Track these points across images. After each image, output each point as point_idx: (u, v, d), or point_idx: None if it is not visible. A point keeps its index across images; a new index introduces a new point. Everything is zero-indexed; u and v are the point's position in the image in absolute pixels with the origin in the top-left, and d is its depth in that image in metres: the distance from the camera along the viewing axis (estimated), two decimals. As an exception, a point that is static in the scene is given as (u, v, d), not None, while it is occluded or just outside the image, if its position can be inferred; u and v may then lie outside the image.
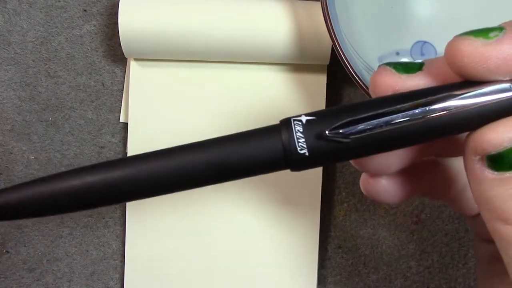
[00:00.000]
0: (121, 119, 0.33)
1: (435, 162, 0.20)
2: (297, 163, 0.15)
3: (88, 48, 0.33)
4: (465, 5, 0.31)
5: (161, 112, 0.32)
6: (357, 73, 0.26)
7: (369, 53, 0.30)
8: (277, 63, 0.32)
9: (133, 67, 0.32)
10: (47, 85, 0.33)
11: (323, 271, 0.33)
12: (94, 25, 0.33)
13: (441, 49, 0.31)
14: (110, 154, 0.33)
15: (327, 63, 0.31)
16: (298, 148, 0.14)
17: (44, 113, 0.33)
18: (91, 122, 0.33)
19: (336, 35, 0.26)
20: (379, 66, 0.17)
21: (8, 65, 0.33)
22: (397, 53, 0.31)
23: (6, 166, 0.33)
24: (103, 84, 0.33)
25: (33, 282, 0.33)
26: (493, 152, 0.14)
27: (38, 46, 0.33)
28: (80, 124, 0.33)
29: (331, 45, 0.30)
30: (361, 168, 0.18)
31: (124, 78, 0.33)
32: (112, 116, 0.33)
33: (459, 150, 0.16)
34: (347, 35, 0.28)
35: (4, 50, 0.33)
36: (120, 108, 0.33)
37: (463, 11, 0.31)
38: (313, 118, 0.15)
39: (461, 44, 0.14)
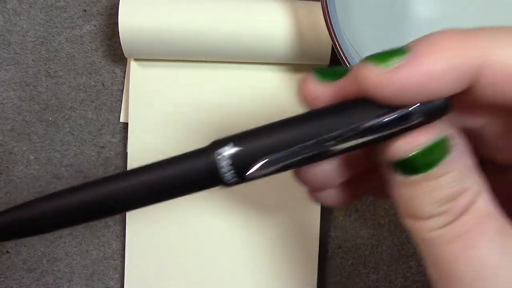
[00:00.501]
0: (121, 119, 0.33)
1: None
2: (228, 186, 0.17)
3: (88, 48, 0.33)
4: (465, 4, 0.31)
5: (161, 112, 0.32)
6: (357, 73, 0.26)
7: (369, 53, 0.30)
8: (277, 63, 0.32)
9: (133, 67, 0.32)
10: (47, 85, 0.33)
11: (323, 271, 0.33)
12: (94, 25, 0.33)
13: (441, 49, 0.31)
14: (110, 154, 0.33)
15: (327, 63, 0.31)
16: (226, 179, 0.16)
17: (44, 113, 0.33)
18: (91, 122, 0.33)
19: (336, 35, 0.26)
20: (310, 72, 0.18)
21: (8, 65, 0.33)
22: (397, 53, 0.31)
23: (6, 166, 0.33)
24: (103, 84, 0.33)
25: (33, 282, 0.33)
26: (397, 160, 0.15)
27: (38, 46, 0.33)
28: (80, 124, 0.33)
29: (331, 45, 0.30)
30: (303, 186, 0.19)
31: (124, 78, 0.33)
32: (112, 116, 0.33)
33: None
34: (347, 35, 0.28)
35: (4, 50, 0.33)
36: (120, 108, 0.33)
37: (463, 10, 0.31)
38: (238, 150, 0.16)
39: (363, 70, 0.15)
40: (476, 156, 0.18)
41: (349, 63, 0.26)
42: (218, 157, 0.16)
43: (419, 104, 0.15)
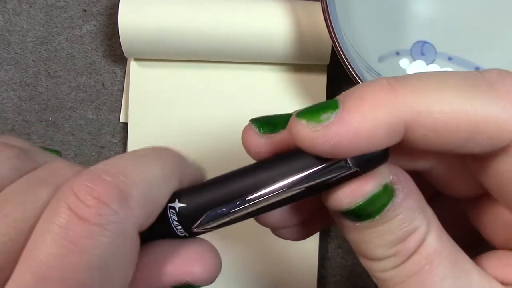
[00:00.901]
0: (121, 119, 0.33)
1: None
2: (182, 238, 0.17)
3: (88, 48, 0.33)
4: (465, 5, 0.31)
5: (161, 112, 0.32)
6: (357, 73, 0.26)
7: (369, 53, 0.30)
8: (277, 63, 0.32)
9: (133, 67, 0.32)
10: (47, 85, 0.33)
11: (323, 271, 0.33)
12: (94, 25, 0.33)
13: (441, 49, 0.31)
14: (110, 154, 0.33)
15: (327, 63, 0.31)
16: (178, 232, 0.17)
17: (44, 113, 0.33)
18: (91, 122, 0.33)
19: (336, 35, 0.26)
20: (250, 121, 0.18)
21: (8, 65, 0.33)
22: (397, 53, 0.31)
23: (6, 166, 0.33)
24: (103, 84, 0.33)
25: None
26: (342, 210, 0.16)
27: (38, 46, 0.33)
28: (80, 124, 0.33)
29: (331, 45, 0.30)
30: (263, 225, 0.20)
31: (124, 78, 0.33)
32: (112, 116, 0.33)
33: None
34: (347, 35, 0.28)
35: (4, 50, 0.33)
36: (120, 108, 0.33)
37: (463, 10, 0.31)
38: (182, 206, 0.16)
39: (295, 126, 0.15)
40: (432, 189, 0.18)
41: (349, 63, 0.26)
42: (171, 210, 0.16)
43: (352, 157, 0.15)
